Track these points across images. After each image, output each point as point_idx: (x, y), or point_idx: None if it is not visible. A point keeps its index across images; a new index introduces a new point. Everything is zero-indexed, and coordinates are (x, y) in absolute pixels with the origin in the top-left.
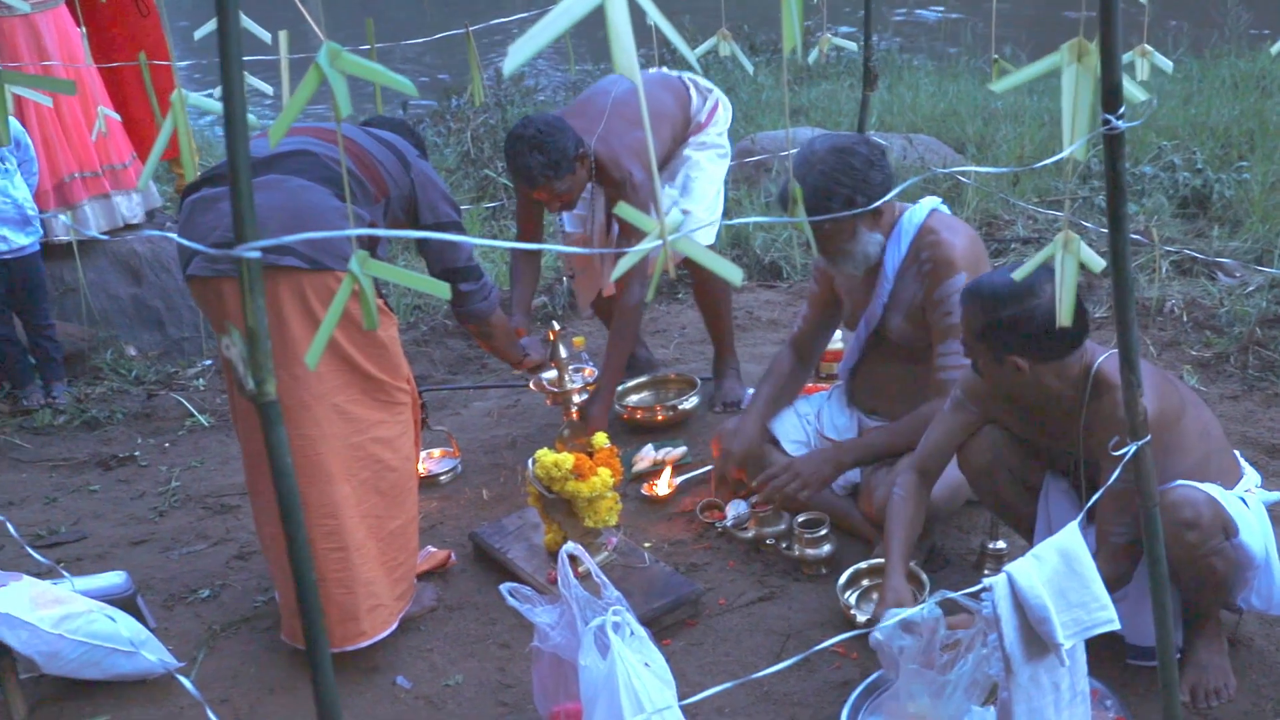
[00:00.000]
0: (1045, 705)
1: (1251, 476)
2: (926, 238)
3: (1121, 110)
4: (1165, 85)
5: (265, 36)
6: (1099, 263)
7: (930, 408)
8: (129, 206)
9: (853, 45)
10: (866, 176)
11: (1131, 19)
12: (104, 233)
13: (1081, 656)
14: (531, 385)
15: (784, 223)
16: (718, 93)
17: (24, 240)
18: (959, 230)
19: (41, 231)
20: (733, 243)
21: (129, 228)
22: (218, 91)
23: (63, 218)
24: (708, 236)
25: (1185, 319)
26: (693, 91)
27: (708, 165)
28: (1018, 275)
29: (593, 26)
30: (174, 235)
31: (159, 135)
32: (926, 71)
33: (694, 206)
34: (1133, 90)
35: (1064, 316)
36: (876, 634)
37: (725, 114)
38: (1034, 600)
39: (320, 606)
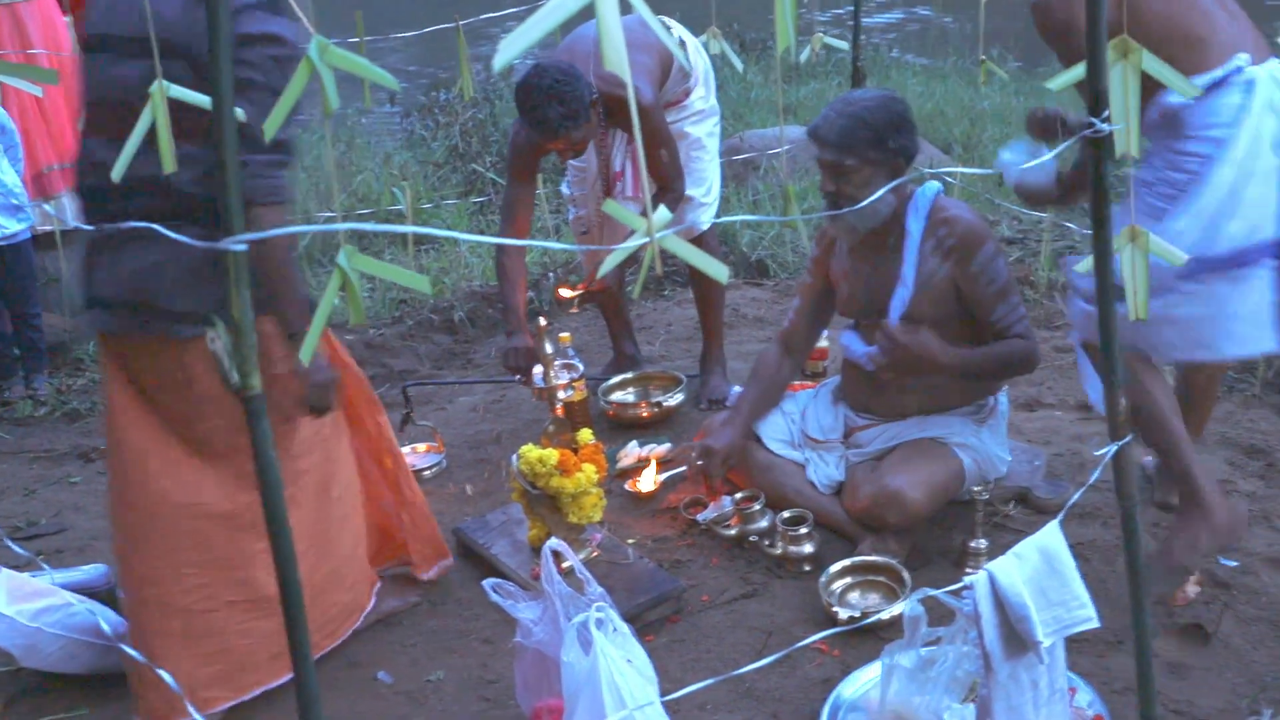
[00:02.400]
0: (1024, 703)
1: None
2: (940, 214)
3: (1106, 113)
4: None
5: None
6: (1180, 256)
7: (1007, 345)
8: None
9: (844, 45)
10: (901, 126)
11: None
12: (88, 223)
13: (1060, 654)
14: (522, 382)
15: (771, 221)
16: (694, 42)
17: (15, 226)
18: (964, 207)
19: (32, 219)
20: (719, 240)
21: None
22: None
23: (47, 207)
24: (707, 217)
25: None
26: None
27: (709, 142)
28: (1080, 268)
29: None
30: (160, 229)
31: (137, 126)
32: (914, 71)
33: (695, 191)
34: (1181, 85)
35: (1139, 310)
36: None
37: (704, 62)
38: (1014, 599)
39: (303, 605)
